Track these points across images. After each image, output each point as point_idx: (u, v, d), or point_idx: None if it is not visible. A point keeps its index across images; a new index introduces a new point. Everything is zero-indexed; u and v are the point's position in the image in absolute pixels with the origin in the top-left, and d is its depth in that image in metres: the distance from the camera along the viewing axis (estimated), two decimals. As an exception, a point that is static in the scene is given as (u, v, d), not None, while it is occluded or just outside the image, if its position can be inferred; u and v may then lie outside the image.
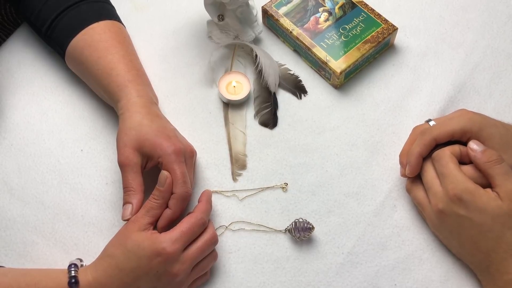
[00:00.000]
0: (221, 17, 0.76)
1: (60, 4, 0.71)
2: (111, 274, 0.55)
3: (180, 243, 0.56)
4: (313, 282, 0.62)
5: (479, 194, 0.56)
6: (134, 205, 0.59)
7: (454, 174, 0.57)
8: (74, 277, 0.55)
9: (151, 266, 0.55)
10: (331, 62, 0.73)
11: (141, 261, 0.55)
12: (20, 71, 0.78)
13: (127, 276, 0.55)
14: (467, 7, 0.82)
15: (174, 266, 0.56)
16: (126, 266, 0.55)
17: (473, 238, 0.57)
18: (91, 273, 0.56)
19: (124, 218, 0.59)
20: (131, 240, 0.56)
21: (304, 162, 0.70)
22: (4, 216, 0.67)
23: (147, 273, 0.55)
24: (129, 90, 0.66)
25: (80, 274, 0.56)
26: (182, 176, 0.60)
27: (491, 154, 0.58)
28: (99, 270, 0.56)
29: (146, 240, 0.56)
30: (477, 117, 0.61)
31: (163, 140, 0.61)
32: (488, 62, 0.76)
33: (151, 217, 0.58)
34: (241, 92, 0.74)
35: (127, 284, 0.55)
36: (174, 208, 0.60)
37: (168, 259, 0.55)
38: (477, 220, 0.56)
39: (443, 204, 0.58)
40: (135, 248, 0.56)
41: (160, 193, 0.59)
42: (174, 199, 0.60)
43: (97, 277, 0.56)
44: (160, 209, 0.59)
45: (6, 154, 0.71)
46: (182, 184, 0.60)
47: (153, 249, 0.55)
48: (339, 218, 0.66)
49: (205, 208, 0.61)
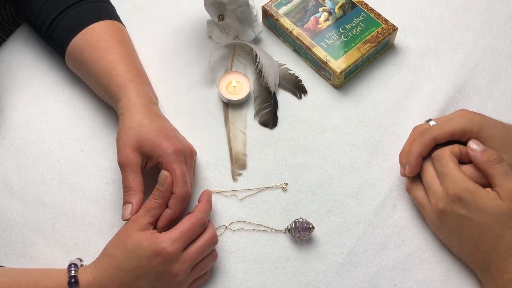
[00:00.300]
0: (221, 17, 0.76)
1: (60, 4, 0.71)
2: (111, 274, 0.55)
3: (180, 243, 0.56)
4: (313, 282, 0.62)
5: (479, 194, 0.56)
6: (134, 205, 0.59)
7: (454, 174, 0.57)
8: (74, 276, 0.55)
9: (151, 266, 0.55)
10: (331, 62, 0.73)
11: (141, 261, 0.55)
12: (20, 71, 0.78)
13: (127, 276, 0.55)
14: (467, 7, 0.82)
15: (174, 266, 0.56)
16: (126, 266, 0.55)
17: (473, 238, 0.57)
18: (91, 272, 0.56)
19: (124, 218, 0.59)
20: (131, 240, 0.56)
21: (304, 162, 0.70)
22: (4, 216, 0.67)
23: (147, 273, 0.55)
24: (129, 90, 0.66)
25: (80, 274, 0.56)
26: (182, 176, 0.60)
27: (490, 154, 0.58)
28: (99, 269, 0.56)
29: (146, 240, 0.56)
30: (477, 117, 0.61)
31: (163, 140, 0.61)
32: (488, 62, 0.76)
33: (151, 217, 0.58)
34: (241, 92, 0.74)
35: (127, 284, 0.55)
36: (174, 208, 0.60)
37: (168, 259, 0.55)
38: (477, 220, 0.56)
39: (443, 204, 0.58)
40: (135, 248, 0.56)
41: (160, 193, 0.59)
42: (174, 199, 0.60)
43: (97, 277, 0.56)
44: (160, 209, 0.59)
45: (6, 154, 0.71)
46: (182, 184, 0.60)
47: (153, 249, 0.55)
48: (339, 218, 0.66)
49: (205, 208, 0.61)
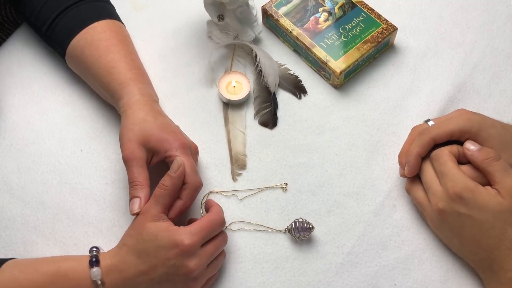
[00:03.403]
0: (221, 17, 0.76)
1: (60, 4, 0.71)
2: (128, 261, 0.56)
3: (199, 237, 0.56)
4: (313, 282, 0.62)
5: (479, 192, 0.56)
6: (142, 199, 0.59)
7: (453, 173, 0.57)
8: (95, 256, 0.56)
9: (168, 257, 0.55)
10: (331, 62, 0.73)
11: (158, 251, 0.55)
12: (20, 71, 0.78)
13: (143, 264, 0.55)
14: (467, 7, 0.82)
15: (192, 260, 0.55)
16: (143, 255, 0.55)
17: (475, 237, 0.57)
18: (110, 258, 0.57)
19: (133, 212, 0.59)
20: (146, 230, 0.56)
21: (304, 162, 0.70)
22: (4, 216, 0.67)
23: (164, 264, 0.55)
24: (131, 88, 0.66)
25: (100, 257, 0.57)
26: (192, 167, 0.60)
27: (488, 152, 0.58)
28: (117, 256, 0.57)
29: (163, 231, 0.56)
30: (476, 117, 0.61)
31: (169, 135, 0.62)
32: (488, 62, 0.76)
33: (162, 206, 0.58)
34: (241, 92, 0.74)
35: (143, 272, 0.55)
36: (185, 198, 0.60)
37: (186, 252, 0.55)
38: (478, 218, 0.56)
39: (444, 203, 0.58)
40: (152, 238, 0.56)
41: (171, 179, 0.58)
42: (187, 190, 0.60)
43: (115, 262, 0.56)
44: (170, 197, 0.59)
45: (6, 154, 0.71)
46: (194, 174, 0.60)
47: (171, 240, 0.55)
48: (339, 218, 0.66)
49: (221, 209, 0.61)
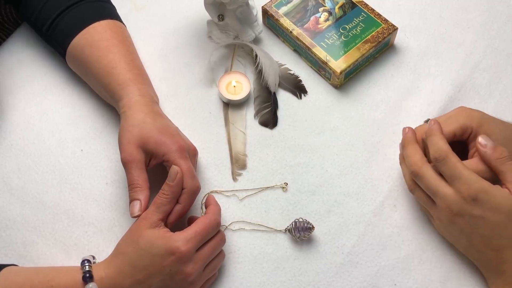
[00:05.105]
0: (221, 17, 0.76)
1: (61, 3, 0.71)
2: (124, 271, 0.55)
3: (194, 243, 0.56)
4: (313, 282, 0.62)
5: (493, 192, 0.55)
6: (143, 201, 0.59)
7: (466, 175, 0.56)
8: (88, 271, 0.56)
9: (164, 265, 0.55)
10: (331, 62, 0.73)
11: (154, 259, 0.55)
12: (20, 71, 0.78)
13: (139, 273, 0.55)
14: (467, 7, 0.82)
15: (188, 265, 0.56)
16: (138, 264, 0.55)
17: (485, 237, 0.56)
18: (103, 269, 0.56)
19: (133, 215, 0.59)
20: (143, 238, 0.56)
21: (304, 162, 0.70)
22: (4, 216, 0.67)
23: (160, 271, 0.55)
24: (131, 89, 0.66)
25: (93, 270, 0.56)
26: (190, 170, 0.60)
27: (502, 151, 0.57)
28: (112, 266, 0.56)
29: (159, 238, 0.56)
30: (475, 113, 0.61)
31: (167, 138, 0.61)
32: (488, 62, 0.76)
33: (162, 213, 0.58)
34: (241, 92, 0.74)
35: (139, 281, 0.55)
36: (184, 202, 0.60)
37: (182, 258, 0.55)
38: (491, 219, 0.55)
39: (457, 207, 0.56)
40: (148, 246, 0.55)
41: (170, 188, 0.58)
42: (185, 194, 0.60)
43: (110, 273, 0.56)
44: (170, 205, 0.59)
45: (6, 154, 0.71)
46: (192, 179, 0.60)
47: (167, 248, 0.55)
48: (339, 218, 0.66)
49: (217, 210, 0.61)
